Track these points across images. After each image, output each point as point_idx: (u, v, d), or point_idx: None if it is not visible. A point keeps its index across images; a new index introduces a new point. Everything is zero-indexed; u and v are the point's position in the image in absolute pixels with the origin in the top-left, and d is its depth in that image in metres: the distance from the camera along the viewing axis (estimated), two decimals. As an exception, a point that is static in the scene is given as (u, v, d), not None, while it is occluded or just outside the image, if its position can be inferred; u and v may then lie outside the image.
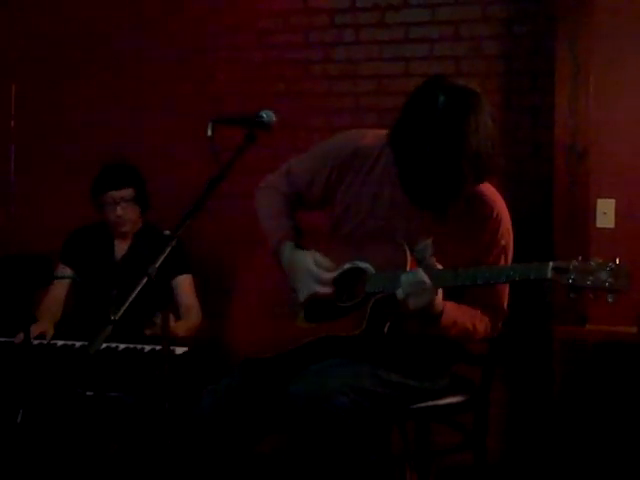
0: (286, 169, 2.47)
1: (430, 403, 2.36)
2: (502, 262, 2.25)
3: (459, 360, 2.49)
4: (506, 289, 2.31)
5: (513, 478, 3.28)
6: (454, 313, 2.19)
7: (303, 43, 3.67)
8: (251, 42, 3.71)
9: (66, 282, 3.23)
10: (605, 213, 3.08)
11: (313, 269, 2.25)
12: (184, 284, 3.20)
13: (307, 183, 2.40)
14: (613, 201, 3.08)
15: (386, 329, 2.19)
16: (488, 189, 2.27)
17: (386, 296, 2.16)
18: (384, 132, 2.21)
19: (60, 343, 2.90)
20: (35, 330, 2.91)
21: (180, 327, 3.07)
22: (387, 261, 2.17)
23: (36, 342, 2.87)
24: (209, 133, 2.03)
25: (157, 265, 1.82)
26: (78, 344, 2.86)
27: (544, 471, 3.14)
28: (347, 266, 2.28)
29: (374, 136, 2.33)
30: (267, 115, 2.12)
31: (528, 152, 3.40)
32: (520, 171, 3.41)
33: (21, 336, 2.81)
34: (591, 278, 1.90)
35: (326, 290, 2.25)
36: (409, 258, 2.15)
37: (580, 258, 1.94)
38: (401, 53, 3.56)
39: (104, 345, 2.76)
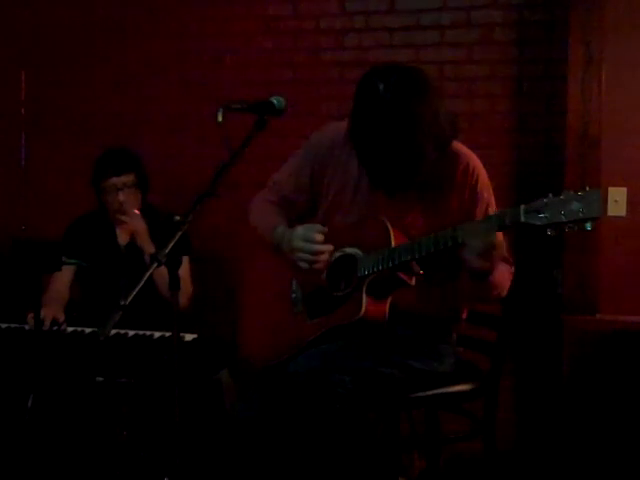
0: (271, 183, 2.52)
1: (439, 390, 2.36)
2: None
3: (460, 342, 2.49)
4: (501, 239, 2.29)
5: (522, 466, 3.27)
6: (501, 268, 2.20)
7: (313, 30, 3.65)
8: (261, 29, 3.69)
9: (71, 269, 3.20)
10: (616, 201, 3.06)
11: (303, 232, 2.26)
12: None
13: (293, 189, 2.44)
14: (625, 189, 3.06)
15: (387, 306, 2.21)
16: (461, 148, 2.30)
17: (378, 275, 2.19)
18: None
19: (70, 329, 2.90)
20: (47, 314, 2.90)
21: None
22: (373, 242, 2.20)
23: (47, 328, 2.87)
24: (219, 119, 2.01)
25: (167, 251, 1.82)
26: (88, 330, 2.86)
27: (553, 460, 3.14)
28: (337, 255, 2.31)
29: (345, 126, 2.34)
30: (278, 101, 2.10)
31: (540, 140, 3.39)
32: (532, 159, 3.40)
33: (32, 316, 2.81)
34: (564, 212, 1.88)
35: (327, 248, 2.26)
36: (392, 233, 2.19)
37: (550, 195, 1.92)
38: (412, 40, 3.54)
39: (114, 331, 2.77)
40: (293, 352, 2.29)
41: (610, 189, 3.07)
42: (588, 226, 1.88)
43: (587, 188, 1.88)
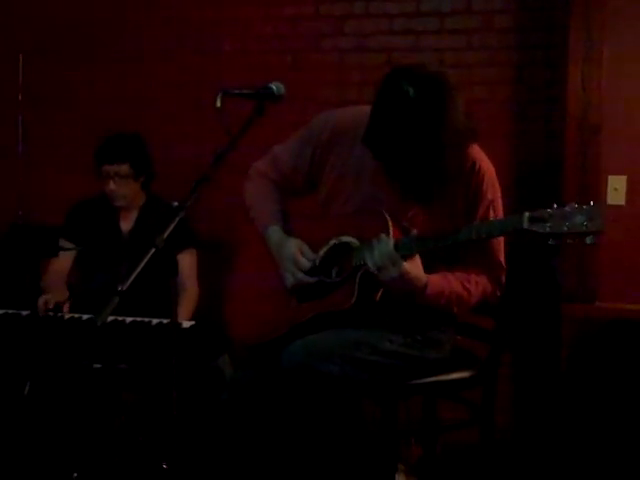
0: (271, 156, 2.50)
1: (437, 378, 2.36)
2: (491, 216, 2.26)
3: (456, 325, 2.49)
4: (500, 244, 2.31)
5: (519, 455, 3.28)
6: (440, 284, 2.20)
7: (313, 16, 3.64)
8: (260, 14, 3.67)
9: (70, 255, 3.20)
10: (616, 189, 3.05)
11: (297, 258, 2.29)
12: (184, 260, 3.14)
13: (291, 168, 2.43)
14: (624, 178, 3.06)
15: (378, 297, 2.20)
16: (470, 147, 2.27)
17: None
18: (361, 109, 2.24)
19: (67, 315, 2.89)
20: (50, 299, 2.90)
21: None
22: (371, 234, 2.18)
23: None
24: (218, 104, 2.01)
25: (165, 236, 1.81)
26: (85, 317, 2.86)
27: (550, 449, 3.14)
28: (332, 242, 2.31)
29: (351, 114, 2.36)
30: (277, 87, 2.10)
31: (540, 127, 3.38)
32: (531, 147, 3.39)
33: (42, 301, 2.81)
34: (567, 223, 1.92)
35: (310, 280, 2.29)
36: (391, 228, 2.18)
37: (555, 205, 1.95)
38: (412, 26, 3.53)
39: (111, 318, 2.76)
40: (282, 332, 2.30)
41: (610, 177, 3.07)
42: (589, 240, 1.93)
43: (591, 203, 1.93)
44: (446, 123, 2.04)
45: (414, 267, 2.13)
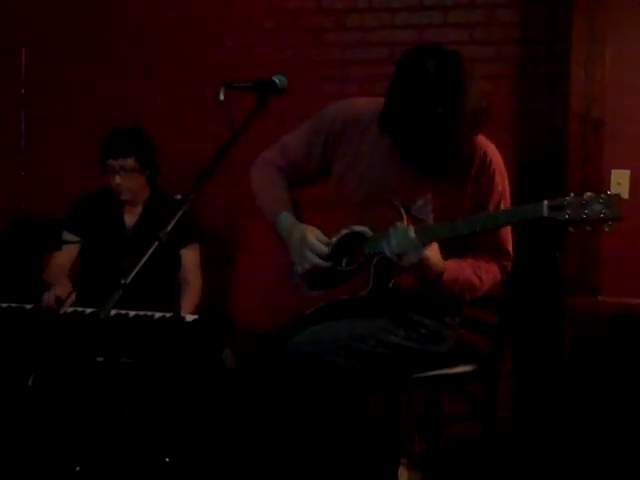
0: (281, 144, 2.50)
1: (440, 371, 2.37)
2: (502, 207, 2.28)
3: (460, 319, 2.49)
4: (508, 233, 2.34)
5: (521, 449, 3.28)
6: (455, 270, 2.22)
7: (315, 10, 3.63)
8: (262, 8, 3.67)
9: (73, 250, 3.20)
10: (619, 184, 3.05)
11: (314, 243, 2.28)
12: (188, 255, 3.16)
13: (304, 156, 2.43)
14: (628, 172, 3.05)
15: (391, 285, 2.22)
16: (480, 138, 2.30)
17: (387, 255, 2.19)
18: (373, 99, 2.27)
19: (70, 309, 2.89)
20: (61, 292, 2.90)
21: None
22: (385, 223, 2.19)
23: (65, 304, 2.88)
24: (221, 97, 2.02)
25: (168, 229, 1.82)
26: (89, 310, 2.86)
27: (552, 443, 3.14)
28: (344, 232, 2.32)
29: (363, 103, 2.38)
30: (279, 80, 2.11)
31: (543, 121, 3.38)
32: (534, 141, 3.39)
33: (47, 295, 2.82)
34: (586, 211, 1.97)
35: (326, 264, 2.28)
36: (405, 218, 2.18)
37: (572, 194, 2.00)
38: (414, 20, 3.52)
39: (114, 312, 2.77)
40: (292, 321, 2.30)
41: (613, 171, 3.06)
42: (607, 228, 1.98)
43: (608, 192, 1.98)
44: (464, 99, 2.07)
45: (433, 254, 2.15)
